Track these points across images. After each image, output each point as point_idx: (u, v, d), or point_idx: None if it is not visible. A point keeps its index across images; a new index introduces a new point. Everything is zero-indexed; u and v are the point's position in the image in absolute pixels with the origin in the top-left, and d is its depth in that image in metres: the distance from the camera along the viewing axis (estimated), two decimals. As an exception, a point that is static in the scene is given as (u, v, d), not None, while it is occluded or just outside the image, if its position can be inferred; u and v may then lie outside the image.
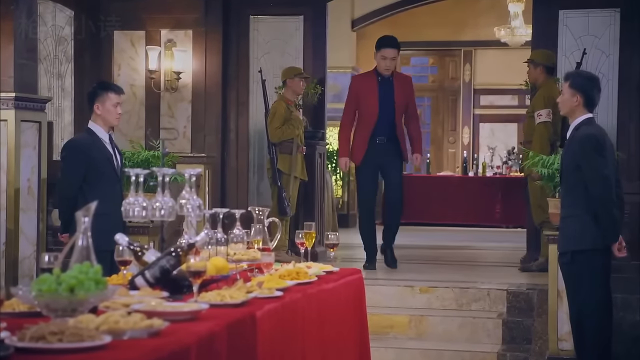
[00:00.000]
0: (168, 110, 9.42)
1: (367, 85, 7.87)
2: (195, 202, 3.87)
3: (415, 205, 13.67)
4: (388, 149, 7.85)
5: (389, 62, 7.79)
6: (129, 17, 9.32)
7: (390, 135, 7.85)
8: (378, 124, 7.83)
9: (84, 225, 2.86)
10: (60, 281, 2.62)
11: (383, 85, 7.85)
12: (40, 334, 2.38)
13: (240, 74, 9.39)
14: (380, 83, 7.85)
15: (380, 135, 7.84)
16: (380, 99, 7.82)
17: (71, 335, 2.40)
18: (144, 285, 3.47)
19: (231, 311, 3.24)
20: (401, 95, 7.86)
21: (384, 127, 7.82)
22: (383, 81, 7.87)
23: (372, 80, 7.86)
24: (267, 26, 9.43)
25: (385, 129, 7.83)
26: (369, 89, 7.84)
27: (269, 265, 4.24)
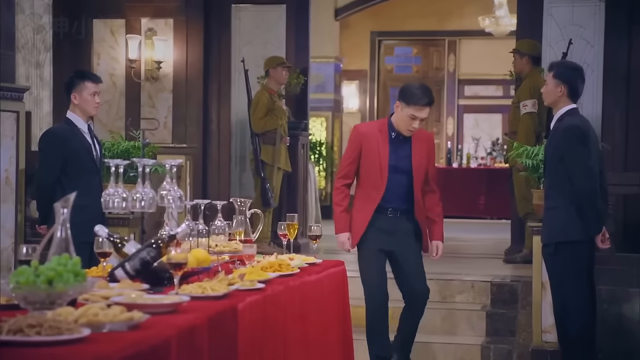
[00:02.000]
0: (149, 100, 9.34)
1: (374, 139, 5.57)
2: (176, 193, 3.83)
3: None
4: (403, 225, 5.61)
5: (418, 123, 5.50)
6: (108, 6, 9.23)
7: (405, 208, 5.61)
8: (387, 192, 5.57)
9: (63, 217, 2.83)
10: (38, 273, 2.60)
11: (396, 142, 5.58)
12: (18, 327, 2.36)
13: (222, 64, 9.32)
14: (393, 140, 5.58)
15: (391, 207, 5.58)
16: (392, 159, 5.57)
17: (49, 328, 2.37)
18: (124, 277, 3.44)
19: (212, 304, 3.21)
20: (419, 156, 5.59)
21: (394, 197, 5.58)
22: (397, 138, 5.58)
23: (383, 134, 5.57)
24: (250, 15, 9.36)
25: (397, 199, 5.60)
26: (379, 145, 5.55)
27: (250, 257, 4.20)
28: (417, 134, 5.58)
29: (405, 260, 5.60)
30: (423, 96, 5.49)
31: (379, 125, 5.64)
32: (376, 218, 5.54)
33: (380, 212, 5.54)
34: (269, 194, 8.45)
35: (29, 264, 2.66)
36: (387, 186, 5.52)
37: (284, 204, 8.94)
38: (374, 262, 5.57)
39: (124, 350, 2.40)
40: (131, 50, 9.18)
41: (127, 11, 9.30)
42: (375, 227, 5.53)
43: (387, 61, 16.78)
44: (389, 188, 5.53)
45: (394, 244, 5.54)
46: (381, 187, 5.52)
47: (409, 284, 5.61)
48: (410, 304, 5.64)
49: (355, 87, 15.94)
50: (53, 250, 2.80)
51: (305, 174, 9.54)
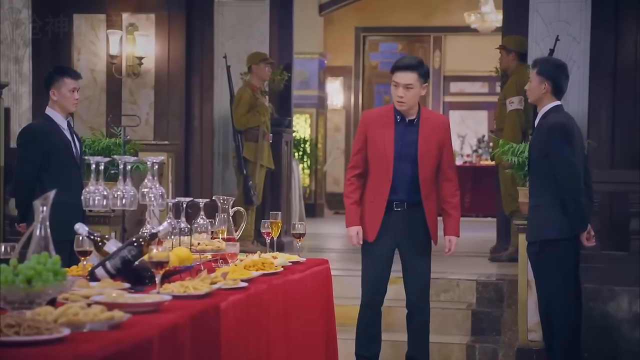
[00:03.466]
0: (130, 96, 9.25)
1: (379, 125, 5.21)
2: (158, 190, 3.79)
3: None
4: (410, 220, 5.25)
5: (402, 90, 5.11)
6: (89, 0, 9.14)
7: (413, 201, 5.22)
8: (395, 182, 5.19)
9: (42, 215, 2.81)
10: (17, 272, 2.59)
11: (402, 127, 5.19)
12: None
13: (205, 60, 9.24)
14: (399, 124, 5.19)
15: (398, 200, 5.23)
16: (397, 146, 5.18)
17: (28, 328, 2.36)
18: (104, 276, 3.41)
19: (194, 303, 3.18)
20: (427, 142, 5.17)
21: (402, 187, 5.21)
22: (403, 122, 5.20)
23: (387, 119, 5.21)
24: (232, 10, 9.29)
25: (405, 190, 5.21)
26: (384, 131, 5.18)
27: (233, 256, 4.16)
28: (427, 117, 5.21)
29: (408, 265, 5.33)
30: (402, 59, 5.30)
31: (385, 110, 5.28)
32: (387, 213, 5.19)
33: (389, 206, 5.18)
34: (252, 192, 8.39)
35: (7, 263, 2.64)
36: (394, 175, 5.15)
37: (267, 201, 8.89)
38: (377, 265, 5.31)
39: (105, 350, 2.37)
40: (112, 46, 9.09)
41: (108, 6, 9.22)
42: (386, 223, 5.20)
43: (372, 57, 16.73)
44: (396, 177, 5.15)
45: (401, 241, 5.24)
46: (388, 177, 5.15)
47: (407, 292, 5.40)
48: (408, 313, 5.46)
49: (340, 83, 15.90)
50: (32, 248, 2.78)
51: (289, 171, 9.49)
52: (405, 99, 5.12)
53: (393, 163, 5.15)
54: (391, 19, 15.92)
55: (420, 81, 5.14)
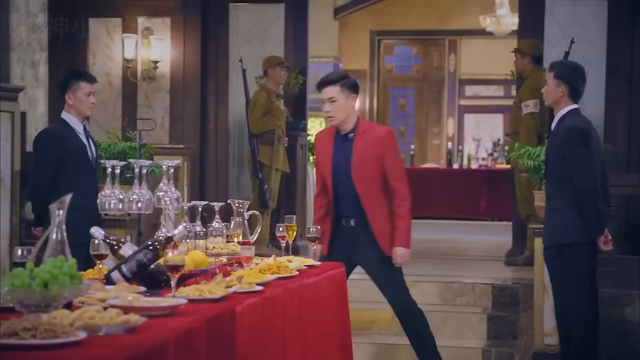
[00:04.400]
0: (145, 100, 9.27)
1: (324, 143, 5.24)
2: (174, 194, 3.78)
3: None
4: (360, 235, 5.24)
5: (328, 105, 5.07)
6: (104, 4, 9.17)
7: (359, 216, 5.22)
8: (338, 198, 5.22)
9: (58, 218, 2.82)
10: (33, 276, 2.59)
11: (340, 143, 5.18)
12: (13, 330, 2.33)
13: (220, 63, 9.25)
14: (337, 139, 5.19)
15: (345, 215, 5.24)
16: (335, 163, 5.19)
17: (45, 331, 2.35)
18: (120, 279, 3.40)
19: (210, 306, 3.17)
20: (361, 156, 5.12)
21: (347, 203, 5.22)
22: (340, 138, 5.18)
23: (330, 137, 5.23)
24: (248, 14, 9.30)
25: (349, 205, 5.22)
26: (326, 149, 5.23)
27: (249, 259, 4.15)
28: (364, 131, 5.16)
29: (376, 281, 5.37)
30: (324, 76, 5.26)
31: (331, 129, 5.29)
32: (336, 229, 5.25)
33: (338, 222, 5.24)
34: (267, 196, 8.39)
35: (24, 267, 2.65)
36: (336, 192, 5.19)
37: (282, 205, 8.88)
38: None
39: (121, 354, 2.37)
40: (127, 50, 9.10)
41: (124, 10, 9.24)
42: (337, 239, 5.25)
43: (387, 61, 16.73)
44: (338, 193, 5.19)
45: (357, 257, 5.24)
46: (330, 193, 5.22)
47: (386, 296, 5.40)
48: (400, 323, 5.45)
49: (355, 87, 15.87)
50: (48, 252, 2.78)
51: (304, 175, 9.48)
52: (332, 112, 5.09)
53: (332, 179, 5.20)
54: (406, 22, 15.90)
55: (344, 93, 5.08)
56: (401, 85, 16.82)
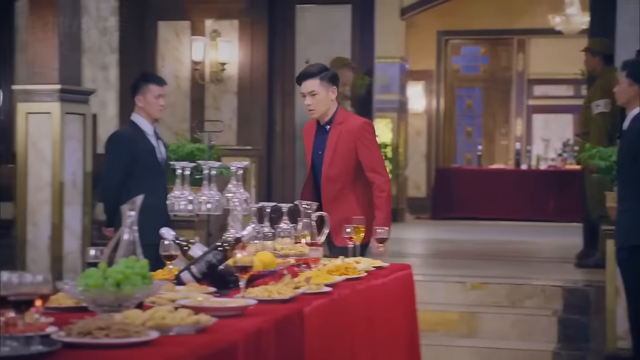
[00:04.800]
0: (213, 102, 9.35)
1: (308, 134, 5.23)
2: (242, 195, 3.79)
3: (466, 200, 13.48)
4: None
5: (308, 98, 5.01)
6: (173, 7, 9.27)
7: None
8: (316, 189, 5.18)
9: (130, 219, 2.86)
10: (106, 276, 2.62)
11: (320, 135, 5.14)
12: (87, 329, 2.36)
13: (287, 65, 9.29)
14: (318, 131, 5.15)
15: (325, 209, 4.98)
16: (314, 154, 5.18)
17: (118, 330, 2.38)
18: (190, 280, 3.42)
19: (279, 307, 3.17)
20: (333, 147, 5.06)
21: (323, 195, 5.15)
22: (320, 130, 5.14)
23: (312, 128, 5.20)
24: (314, 15, 9.32)
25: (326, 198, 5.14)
26: (308, 140, 5.22)
27: (316, 260, 4.13)
28: (339, 122, 5.05)
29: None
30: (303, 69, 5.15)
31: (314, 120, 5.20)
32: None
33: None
34: (334, 196, 8.37)
35: (97, 267, 2.69)
36: (315, 183, 5.12)
37: (349, 206, 8.85)
38: None
39: (192, 354, 2.38)
40: (196, 52, 9.20)
41: (192, 13, 9.33)
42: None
43: (454, 61, 16.60)
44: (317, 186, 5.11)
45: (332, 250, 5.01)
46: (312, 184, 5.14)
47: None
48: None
49: (421, 87, 15.80)
50: (120, 252, 2.82)
51: (371, 175, 9.44)
52: (313, 106, 5.04)
53: (311, 171, 5.19)
54: (473, 22, 15.75)
55: (324, 86, 5.01)
56: (468, 86, 16.68)
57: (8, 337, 2.18)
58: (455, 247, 8.80)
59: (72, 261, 6.54)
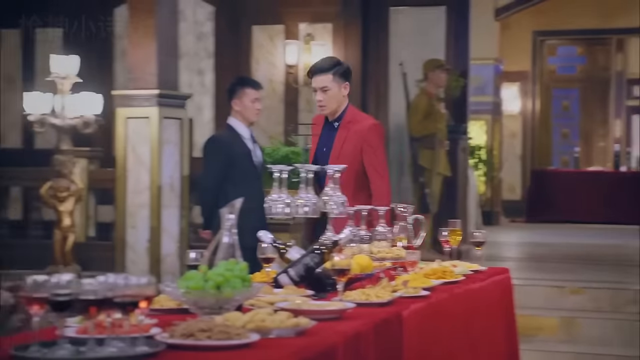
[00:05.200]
0: (306, 105, 9.39)
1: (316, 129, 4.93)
2: (339, 198, 3.77)
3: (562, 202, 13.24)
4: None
5: (320, 94, 4.74)
6: (267, 12, 9.35)
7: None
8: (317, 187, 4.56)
9: (230, 222, 2.87)
10: (207, 278, 2.64)
11: (327, 131, 4.86)
12: (190, 331, 2.39)
13: (380, 67, 9.28)
14: (324, 129, 4.87)
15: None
16: (318, 151, 4.88)
17: (219, 332, 2.40)
18: (288, 283, 3.42)
19: (377, 310, 3.15)
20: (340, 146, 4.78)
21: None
22: (327, 126, 4.86)
23: (320, 123, 4.91)
24: (408, 17, 9.28)
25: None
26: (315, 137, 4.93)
27: (414, 264, 4.09)
28: (349, 121, 4.77)
29: None
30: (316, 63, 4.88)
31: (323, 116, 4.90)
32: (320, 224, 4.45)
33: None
34: (428, 200, 8.33)
35: (196, 269, 2.71)
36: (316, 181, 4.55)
37: (443, 209, 8.79)
38: None
39: (292, 356, 2.39)
40: (289, 56, 9.25)
41: (286, 17, 9.39)
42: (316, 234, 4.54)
43: (550, 61, 16.32)
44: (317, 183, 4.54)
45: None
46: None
47: None
48: None
49: (516, 89, 15.57)
50: (220, 255, 2.84)
51: (465, 178, 9.37)
52: (324, 102, 4.76)
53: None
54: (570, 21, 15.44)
55: (337, 82, 4.74)
56: (564, 87, 16.37)
57: (114, 337, 2.21)
58: (551, 250, 8.65)
59: (170, 263, 6.65)
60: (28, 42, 9.96)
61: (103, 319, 2.24)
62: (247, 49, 9.52)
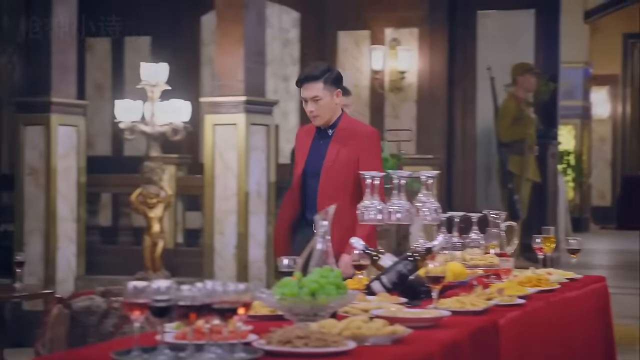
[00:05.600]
0: (392, 110, 9.35)
1: (304, 139, 4.58)
2: (433, 205, 3.72)
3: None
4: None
5: (311, 104, 4.37)
6: (353, 17, 9.35)
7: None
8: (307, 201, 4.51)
9: (323, 229, 2.87)
10: (301, 285, 2.64)
11: (319, 139, 4.51)
12: (287, 338, 2.39)
13: (467, 72, 9.19)
14: (316, 137, 4.52)
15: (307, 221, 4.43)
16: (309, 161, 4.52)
17: (316, 340, 2.39)
18: (381, 290, 3.39)
19: (472, 319, 3.10)
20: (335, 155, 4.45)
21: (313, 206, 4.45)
22: (319, 135, 4.51)
23: (310, 133, 4.56)
24: (496, 21, 9.18)
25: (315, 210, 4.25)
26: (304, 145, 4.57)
27: (507, 272, 4.02)
28: (343, 128, 4.45)
29: None
30: (303, 70, 4.51)
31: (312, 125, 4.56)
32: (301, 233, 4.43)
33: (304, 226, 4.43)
34: (517, 206, 8.21)
35: (289, 276, 2.71)
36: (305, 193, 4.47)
37: (533, 215, 8.65)
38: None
39: (390, 364, 2.35)
40: (375, 61, 9.22)
41: (372, 22, 9.37)
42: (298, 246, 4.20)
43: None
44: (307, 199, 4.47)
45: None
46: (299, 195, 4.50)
47: None
48: None
49: (606, 92, 15.25)
50: (314, 262, 2.84)
51: (555, 184, 9.21)
52: (317, 112, 4.39)
53: (301, 179, 4.51)
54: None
55: (328, 89, 4.37)
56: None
57: (212, 343, 2.22)
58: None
59: (257, 269, 6.67)
60: (117, 50, 10.13)
61: (202, 325, 2.24)
62: (333, 54, 9.53)
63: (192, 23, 9.83)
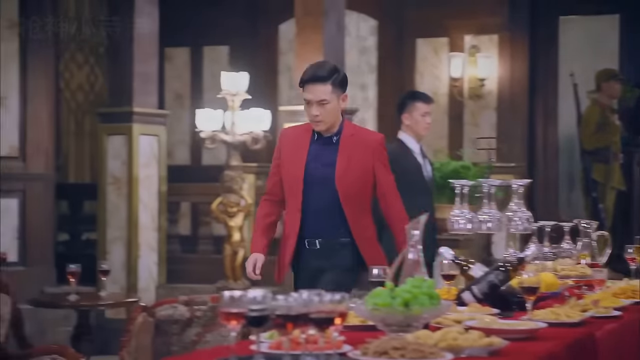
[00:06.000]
0: (472, 118, 9.25)
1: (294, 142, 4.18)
2: (524, 214, 3.66)
3: None
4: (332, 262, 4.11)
5: (316, 108, 4.01)
6: (432, 24, 9.28)
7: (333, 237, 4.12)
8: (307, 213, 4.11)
9: (415, 238, 2.85)
10: (394, 295, 2.60)
11: (320, 144, 4.13)
12: (383, 349, 2.37)
13: (549, 79, 9.07)
14: (315, 143, 4.14)
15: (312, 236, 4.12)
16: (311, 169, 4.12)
17: (413, 351, 2.36)
18: (471, 300, 3.35)
19: (568, 331, 3.04)
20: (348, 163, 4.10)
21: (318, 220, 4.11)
22: (320, 140, 4.14)
23: (303, 138, 4.17)
24: (578, 27, 9.05)
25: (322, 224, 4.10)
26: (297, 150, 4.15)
27: (601, 282, 3.95)
28: (351, 134, 4.11)
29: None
30: (309, 69, 4.09)
31: (303, 128, 4.19)
32: (302, 251, 4.11)
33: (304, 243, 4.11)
34: (602, 215, 8.03)
35: (379, 285, 2.68)
36: (305, 204, 4.09)
37: (618, 225, 8.46)
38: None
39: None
40: (454, 68, 9.14)
41: (451, 29, 9.29)
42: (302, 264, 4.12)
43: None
44: (308, 207, 4.08)
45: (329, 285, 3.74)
46: (298, 207, 4.09)
47: None
48: None
49: (691, 99, 14.90)
50: (405, 271, 2.82)
51: (641, 193, 9.00)
52: (322, 117, 4.01)
53: (302, 189, 4.10)
54: None
55: (336, 93, 4.02)
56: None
57: (308, 354, 2.21)
58: None
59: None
60: (196, 59, 10.22)
61: (297, 334, 2.23)
62: (411, 62, 9.47)
63: (270, 32, 9.87)
